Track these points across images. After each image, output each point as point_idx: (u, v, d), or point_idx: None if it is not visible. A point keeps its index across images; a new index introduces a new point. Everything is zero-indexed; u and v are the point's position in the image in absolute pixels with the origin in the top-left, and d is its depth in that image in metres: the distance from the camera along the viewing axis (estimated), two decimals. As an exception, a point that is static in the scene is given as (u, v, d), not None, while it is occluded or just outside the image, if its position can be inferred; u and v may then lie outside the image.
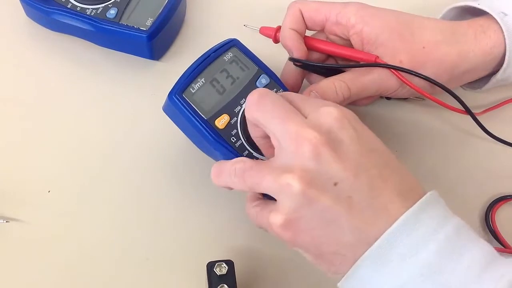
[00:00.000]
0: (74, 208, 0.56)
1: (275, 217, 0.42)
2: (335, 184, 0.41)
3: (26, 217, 0.55)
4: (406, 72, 0.54)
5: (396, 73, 0.54)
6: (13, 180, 0.57)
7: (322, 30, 0.59)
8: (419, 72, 0.54)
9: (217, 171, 0.47)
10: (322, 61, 0.59)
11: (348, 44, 0.57)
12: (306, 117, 0.43)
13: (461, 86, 0.64)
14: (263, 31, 0.62)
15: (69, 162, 0.59)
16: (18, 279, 0.53)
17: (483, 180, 0.59)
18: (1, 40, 0.67)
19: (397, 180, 0.43)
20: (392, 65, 0.54)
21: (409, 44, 0.55)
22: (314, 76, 0.59)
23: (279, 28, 0.59)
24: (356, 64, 0.56)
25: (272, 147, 0.47)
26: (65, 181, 0.58)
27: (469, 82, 0.61)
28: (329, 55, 0.59)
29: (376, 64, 0.54)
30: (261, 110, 0.44)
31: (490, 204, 0.58)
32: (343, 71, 0.56)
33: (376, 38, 0.55)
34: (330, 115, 0.43)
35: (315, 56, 0.59)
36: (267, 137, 0.46)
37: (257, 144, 0.49)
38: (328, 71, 0.57)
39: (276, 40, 0.60)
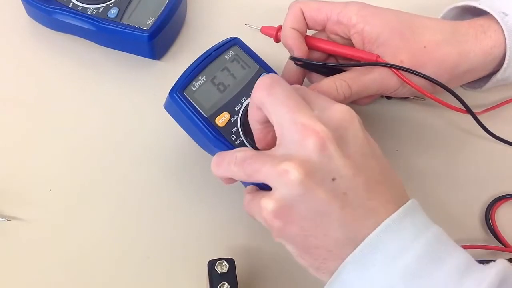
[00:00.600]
0: (75, 206, 0.56)
1: (268, 202, 0.42)
2: (333, 179, 0.41)
3: (27, 216, 0.55)
4: (407, 71, 0.54)
5: (397, 72, 0.54)
6: (14, 179, 0.57)
7: (323, 30, 0.59)
8: (419, 71, 0.54)
9: (218, 161, 0.47)
10: (323, 60, 0.59)
11: (349, 43, 0.57)
12: (314, 111, 0.43)
13: (461, 86, 0.64)
14: (264, 30, 0.62)
15: (70, 161, 0.59)
16: (19, 277, 0.53)
17: (483, 179, 0.60)
18: (2, 40, 0.67)
19: (390, 187, 0.43)
20: (393, 64, 0.54)
21: (410, 43, 0.55)
22: (315, 76, 0.59)
23: (280, 27, 0.59)
24: (357, 63, 0.56)
25: (265, 133, 0.48)
26: (66, 180, 0.58)
27: (469, 82, 0.61)
28: (330, 55, 0.59)
29: (377, 63, 0.55)
30: (271, 96, 0.44)
31: (490, 203, 0.58)
32: (344, 70, 0.57)
33: (377, 37, 0.55)
34: (341, 113, 0.43)
35: (316, 55, 0.59)
36: (264, 123, 0.47)
37: (252, 127, 0.48)
38: (329, 70, 0.58)
39: (277, 40, 0.60)
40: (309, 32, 0.59)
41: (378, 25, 0.55)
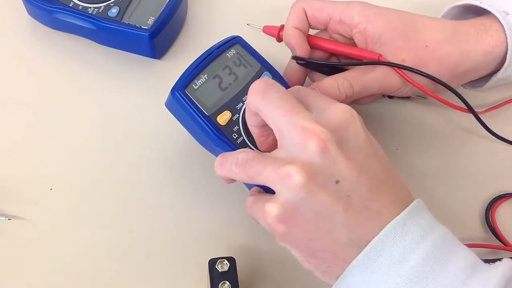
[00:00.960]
0: (76, 205, 0.56)
1: (272, 207, 0.41)
2: (337, 182, 0.41)
3: (28, 215, 0.55)
4: (409, 70, 0.54)
5: (399, 71, 0.54)
6: (15, 178, 0.57)
7: (325, 29, 0.59)
8: (421, 70, 0.54)
9: (221, 161, 0.47)
10: (325, 59, 0.59)
11: (351, 43, 0.57)
12: (313, 113, 0.43)
13: (462, 85, 0.64)
14: (267, 30, 0.62)
15: (70, 160, 0.59)
16: (20, 276, 0.52)
17: (484, 178, 0.60)
18: (2, 39, 0.67)
19: (393, 187, 0.43)
20: (395, 63, 0.54)
21: (412, 43, 0.55)
22: (317, 75, 0.59)
23: (282, 27, 0.59)
24: (359, 62, 0.56)
25: (265, 136, 0.47)
26: (66, 179, 0.58)
27: (470, 81, 0.62)
28: (332, 54, 0.59)
29: (379, 62, 0.55)
30: (266, 100, 0.43)
31: (490, 202, 0.58)
32: (346, 69, 0.57)
33: (379, 37, 0.55)
34: (341, 113, 0.43)
35: (318, 54, 0.59)
36: (263, 127, 0.46)
37: (251, 132, 0.49)
38: (331, 70, 0.58)
39: (279, 39, 0.60)
40: (311, 32, 0.59)
41: (380, 24, 0.55)
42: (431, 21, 0.57)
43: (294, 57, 0.57)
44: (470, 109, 0.57)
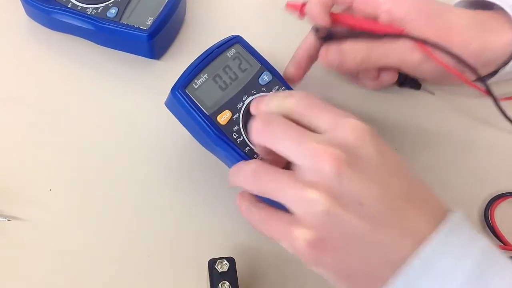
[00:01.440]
0: (75, 206, 0.56)
1: (302, 232, 0.40)
2: (360, 203, 0.39)
3: (27, 216, 0.55)
4: (432, 46, 0.54)
5: (422, 46, 0.54)
6: (14, 178, 0.57)
7: (349, 8, 0.59)
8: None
9: (234, 172, 0.46)
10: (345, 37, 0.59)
11: None
12: (321, 133, 0.42)
13: None
14: (290, 5, 0.61)
15: (70, 161, 0.59)
16: (19, 277, 0.52)
17: (482, 177, 0.60)
18: (2, 39, 0.67)
19: (420, 198, 0.42)
20: (419, 37, 0.54)
21: (437, 24, 0.55)
22: None
23: (305, 3, 0.59)
24: (382, 34, 0.56)
25: (282, 158, 0.45)
26: (66, 179, 0.58)
27: None
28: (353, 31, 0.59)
29: (404, 35, 0.55)
30: (269, 135, 0.43)
31: (489, 201, 0.58)
32: None
33: (404, 16, 0.55)
34: (352, 131, 0.41)
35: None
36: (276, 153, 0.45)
37: (271, 163, 0.47)
38: None
39: (302, 14, 0.60)
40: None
41: (405, 5, 0.56)
42: (454, 8, 0.58)
43: (315, 28, 0.57)
44: (490, 93, 0.57)
